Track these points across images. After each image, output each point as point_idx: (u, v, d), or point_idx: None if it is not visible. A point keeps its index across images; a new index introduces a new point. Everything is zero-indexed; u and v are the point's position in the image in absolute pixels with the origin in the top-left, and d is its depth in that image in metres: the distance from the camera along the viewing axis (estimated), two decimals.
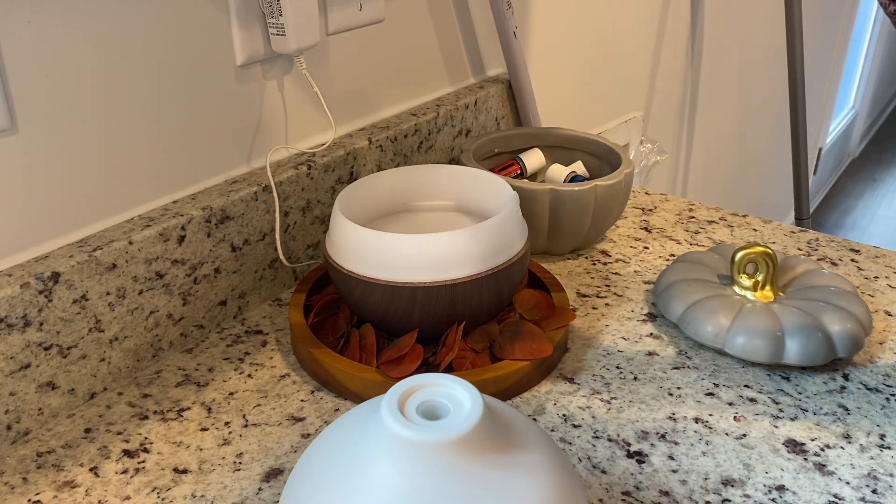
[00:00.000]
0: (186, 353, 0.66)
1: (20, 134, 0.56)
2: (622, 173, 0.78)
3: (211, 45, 0.66)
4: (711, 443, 0.56)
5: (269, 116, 0.73)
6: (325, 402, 0.60)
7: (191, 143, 0.67)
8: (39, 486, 0.53)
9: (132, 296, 0.62)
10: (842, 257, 0.80)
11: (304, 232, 0.75)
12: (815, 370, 0.63)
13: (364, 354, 0.61)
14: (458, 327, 0.61)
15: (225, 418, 0.59)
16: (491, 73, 1.00)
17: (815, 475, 0.53)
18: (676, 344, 0.67)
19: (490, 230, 0.59)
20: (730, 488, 0.52)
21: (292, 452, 0.55)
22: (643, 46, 1.36)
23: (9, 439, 0.56)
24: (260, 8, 0.67)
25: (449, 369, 0.60)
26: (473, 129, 0.93)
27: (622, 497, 0.51)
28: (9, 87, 0.54)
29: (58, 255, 0.58)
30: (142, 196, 0.65)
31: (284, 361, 0.65)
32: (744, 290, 0.66)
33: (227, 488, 0.52)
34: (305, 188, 0.73)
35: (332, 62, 0.77)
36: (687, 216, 0.89)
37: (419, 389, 0.39)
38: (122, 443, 0.56)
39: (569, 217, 0.76)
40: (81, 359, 0.59)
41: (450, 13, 0.90)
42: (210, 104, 0.67)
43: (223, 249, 0.68)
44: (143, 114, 0.63)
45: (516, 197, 0.64)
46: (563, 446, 0.56)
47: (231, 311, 0.70)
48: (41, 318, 0.56)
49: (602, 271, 0.78)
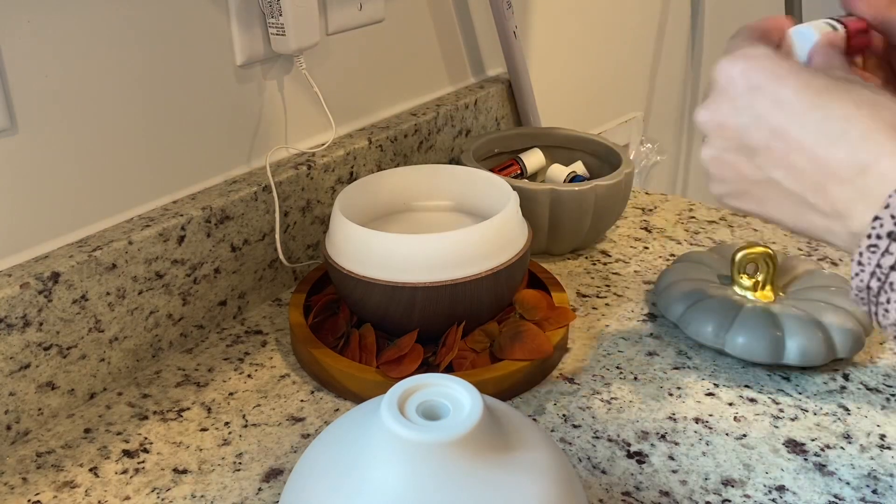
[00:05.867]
0: (186, 353, 0.66)
1: (20, 134, 0.56)
2: (622, 173, 0.78)
3: (211, 45, 0.66)
4: (711, 443, 0.56)
5: (269, 116, 0.73)
6: (325, 402, 0.60)
7: (191, 143, 0.67)
8: (39, 487, 0.53)
9: (132, 296, 0.62)
10: (842, 257, 0.80)
11: (304, 232, 0.75)
12: (815, 370, 0.63)
13: (364, 354, 0.61)
14: (458, 327, 0.61)
15: (225, 418, 0.59)
16: (491, 73, 1.00)
17: (815, 475, 0.53)
18: (676, 344, 0.67)
19: (490, 230, 0.59)
20: (730, 488, 0.52)
21: (292, 452, 0.55)
22: (643, 46, 1.36)
23: (9, 439, 0.56)
24: (260, 8, 0.67)
25: (449, 369, 0.60)
26: (473, 129, 0.93)
27: (622, 497, 0.51)
28: (9, 87, 0.54)
29: (58, 255, 0.58)
30: (142, 196, 0.65)
31: (284, 361, 0.65)
32: (744, 290, 0.66)
33: (226, 488, 0.52)
34: (305, 188, 0.73)
35: (332, 62, 0.77)
36: (687, 216, 0.89)
37: (419, 389, 0.39)
38: (121, 443, 0.56)
39: (569, 217, 0.76)
40: (81, 359, 0.59)
41: (450, 13, 0.90)
42: (210, 104, 0.67)
43: (223, 249, 0.68)
44: (143, 114, 0.63)
45: (516, 197, 0.64)
46: (563, 446, 0.56)
47: (231, 311, 0.70)
48: (41, 318, 0.56)
49: (602, 271, 0.78)
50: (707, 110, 0.42)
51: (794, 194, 0.39)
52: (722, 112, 0.41)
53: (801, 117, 0.37)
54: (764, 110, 0.39)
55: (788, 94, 0.38)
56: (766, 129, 0.39)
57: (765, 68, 0.39)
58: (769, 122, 0.38)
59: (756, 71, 0.39)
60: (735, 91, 0.40)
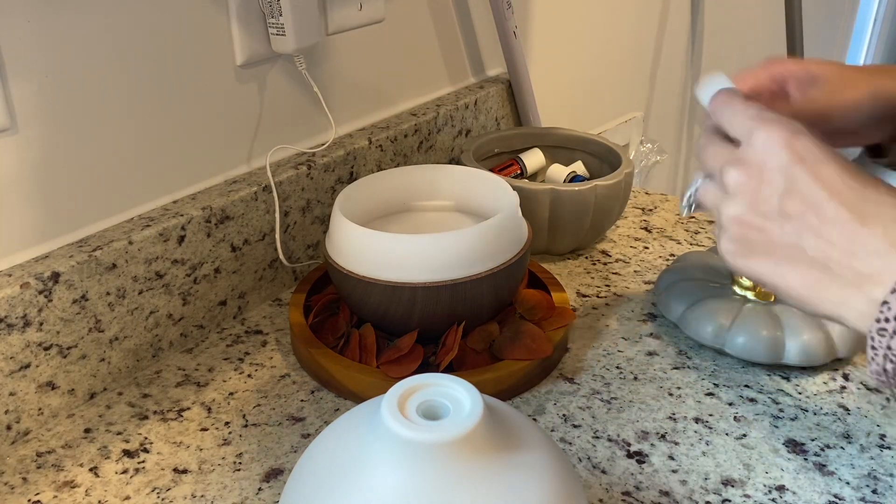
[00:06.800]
0: (186, 353, 0.66)
1: (20, 134, 0.56)
2: (622, 173, 0.78)
3: (211, 45, 0.66)
4: (711, 443, 0.56)
5: (269, 116, 0.73)
6: (325, 402, 0.60)
7: (191, 143, 0.67)
8: (39, 486, 0.53)
9: (132, 296, 0.62)
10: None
11: (304, 232, 0.75)
12: (815, 370, 0.63)
13: (364, 354, 0.61)
14: (458, 327, 0.61)
15: (225, 418, 0.59)
16: (491, 73, 1.00)
17: (815, 475, 0.53)
18: (676, 344, 0.67)
19: (490, 230, 0.59)
20: (730, 488, 0.52)
21: (292, 452, 0.55)
22: (643, 46, 1.36)
23: (9, 439, 0.56)
24: (260, 8, 0.67)
25: (449, 369, 0.60)
26: (473, 129, 0.93)
27: (622, 497, 0.51)
28: (9, 87, 0.54)
29: (58, 255, 0.58)
30: (142, 196, 0.65)
31: (284, 361, 0.65)
32: (744, 290, 0.66)
33: (227, 488, 0.52)
34: (305, 188, 0.73)
35: (332, 62, 0.77)
36: (687, 216, 0.89)
37: (419, 389, 0.39)
38: (122, 443, 0.56)
39: (569, 217, 0.76)
40: (81, 359, 0.59)
41: (450, 13, 0.90)
42: (210, 104, 0.67)
43: (223, 249, 0.68)
44: (142, 113, 0.63)
45: (516, 197, 0.64)
46: (563, 446, 0.56)
47: (231, 311, 0.70)
48: (41, 318, 0.56)
49: (602, 271, 0.78)
50: (739, 173, 0.43)
51: (817, 261, 0.41)
52: (759, 176, 0.42)
53: (839, 196, 0.40)
54: (804, 183, 0.41)
55: (830, 173, 0.40)
56: (804, 199, 0.41)
57: (809, 145, 0.41)
58: (808, 194, 0.41)
59: (802, 145, 0.41)
60: (777, 160, 0.42)
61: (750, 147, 0.43)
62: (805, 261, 0.41)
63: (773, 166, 0.42)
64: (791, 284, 0.42)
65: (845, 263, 0.39)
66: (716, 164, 0.45)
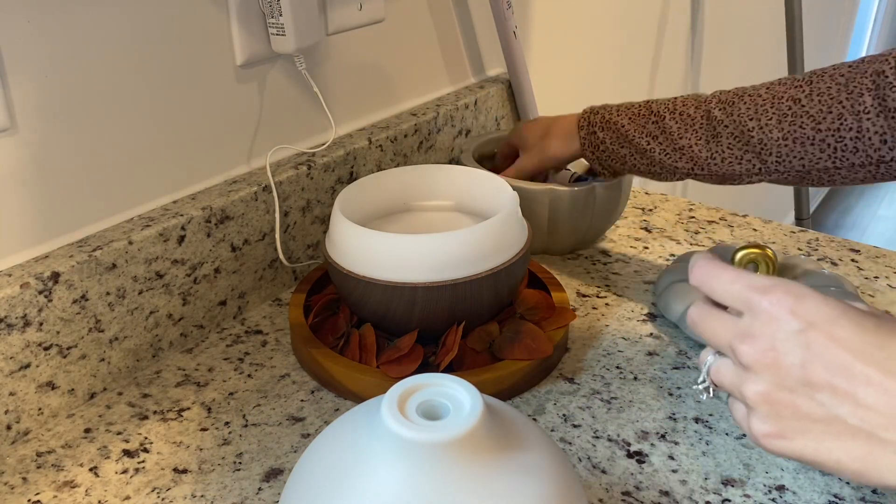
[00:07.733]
0: (186, 353, 0.66)
1: (20, 134, 0.56)
2: None
3: (211, 45, 0.66)
4: (711, 443, 0.56)
5: (269, 116, 0.73)
6: (325, 402, 0.60)
7: (191, 143, 0.67)
8: (39, 486, 0.53)
9: (132, 296, 0.62)
10: (842, 257, 0.80)
11: (304, 232, 0.75)
12: None
13: (364, 354, 0.61)
14: (458, 327, 0.61)
15: (225, 418, 0.59)
16: (491, 73, 1.00)
17: (815, 475, 0.53)
18: (676, 344, 0.67)
19: (490, 230, 0.59)
20: (730, 488, 0.52)
21: (292, 452, 0.55)
22: (643, 46, 1.36)
23: (9, 439, 0.56)
24: (260, 8, 0.67)
25: (449, 369, 0.60)
26: (473, 129, 0.93)
27: (622, 497, 0.51)
28: (9, 86, 0.54)
29: (58, 255, 0.58)
30: (142, 196, 0.65)
31: (284, 361, 0.65)
32: None
33: (227, 488, 0.52)
34: (305, 188, 0.73)
35: (332, 62, 0.77)
36: (687, 216, 0.89)
37: (419, 389, 0.39)
38: (122, 443, 0.56)
39: (569, 217, 0.76)
40: (81, 359, 0.59)
41: (450, 13, 0.90)
42: (210, 104, 0.67)
43: (223, 249, 0.68)
44: (142, 113, 0.63)
45: (516, 197, 0.64)
46: (563, 446, 0.56)
47: (231, 311, 0.70)
48: (41, 318, 0.56)
49: (602, 271, 0.78)
50: (751, 347, 0.40)
51: (861, 431, 0.37)
52: (772, 348, 0.39)
53: (863, 356, 0.37)
54: (822, 348, 0.38)
55: (845, 333, 0.38)
56: (827, 365, 0.38)
57: (817, 307, 0.39)
58: (829, 359, 0.38)
59: (808, 309, 0.39)
60: (786, 328, 0.39)
61: (755, 319, 0.40)
62: (847, 432, 0.37)
63: (784, 336, 0.39)
64: (841, 460, 0.38)
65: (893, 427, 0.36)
66: (722, 340, 0.42)
